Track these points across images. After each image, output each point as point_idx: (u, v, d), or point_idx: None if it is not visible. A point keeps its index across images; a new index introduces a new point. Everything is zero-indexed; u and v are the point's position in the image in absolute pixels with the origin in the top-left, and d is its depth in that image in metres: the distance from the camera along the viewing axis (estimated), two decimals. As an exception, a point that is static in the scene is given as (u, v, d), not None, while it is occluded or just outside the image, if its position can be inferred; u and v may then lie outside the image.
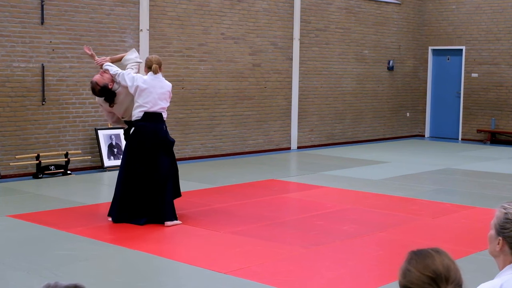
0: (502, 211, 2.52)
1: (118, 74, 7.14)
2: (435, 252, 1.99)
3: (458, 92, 16.24)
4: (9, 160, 9.67)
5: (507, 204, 2.54)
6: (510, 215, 2.51)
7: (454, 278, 1.93)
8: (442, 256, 1.98)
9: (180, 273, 5.45)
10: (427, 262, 1.95)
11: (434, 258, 1.96)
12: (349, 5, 14.78)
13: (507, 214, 2.51)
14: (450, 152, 13.65)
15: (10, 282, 5.08)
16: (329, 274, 5.49)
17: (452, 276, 1.93)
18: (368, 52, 15.30)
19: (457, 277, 1.94)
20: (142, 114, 7.07)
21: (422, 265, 1.94)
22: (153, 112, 7.09)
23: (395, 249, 6.19)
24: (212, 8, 12.12)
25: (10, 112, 9.71)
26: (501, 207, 2.53)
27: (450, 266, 1.93)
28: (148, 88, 7.09)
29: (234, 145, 12.75)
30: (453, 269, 1.94)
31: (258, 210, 7.87)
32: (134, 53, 7.51)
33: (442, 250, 2.01)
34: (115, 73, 7.15)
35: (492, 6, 15.56)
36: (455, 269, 1.95)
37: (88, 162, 10.63)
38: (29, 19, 9.80)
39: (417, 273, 1.93)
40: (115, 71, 7.16)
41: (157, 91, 7.12)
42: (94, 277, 5.21)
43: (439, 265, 1.94)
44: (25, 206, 7.79)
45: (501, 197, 8.86)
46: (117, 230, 6.80)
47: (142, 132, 7.04)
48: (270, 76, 13.27)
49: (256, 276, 5.31)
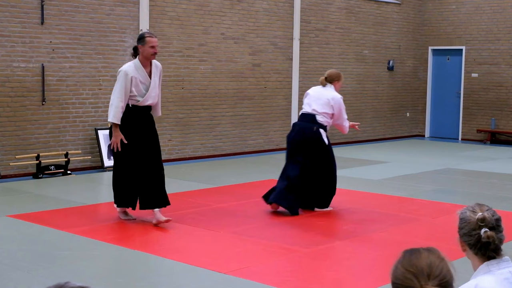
0: (457, 213, 2.56)
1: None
2: (425, 250, 1.99)
3: (458, 92, 16.24)
4: (9, 160, 9.67)
5: (468, 205, 2.57)
6: (461, 215, 2.54)
7: (437, 274, 1.92)
8: (430, 254, 1.98)
9: (180, 273, 5.45)
10: (412, 259, 1.97)
11: (420, 256, 1.97)
12: (349, 5, 14.78)
13: (459, 215, 2.54)
14: (450, 152, 13.65)
15: (10, 282, 5.07)
16: (329, 274, 5.49)
17: (435, 272, 1.92)
18: (368, 52, 15.30)
19: (441, 274, 1.92)
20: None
21: (408, 261, 1.96)
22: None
23: (395, 249, 6.17)
24: (212, 8, 12.12)
25: (10, 112, 9.71)
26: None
27: (433, 263, 1.93)
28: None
29: (234, 145, 12.75)
30: (437, 266, 1.93)
31: (258, 210, 7.87)
32: None
33: (434, 249, 2.01)
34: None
35: (492, 6, 15.56)
36: (440, 266, 1.94)
37: (88, 162, 10.63)
38: (29, 19, 9.80)
39: (402, 269, 1.96)
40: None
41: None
42: (94, 277, 5.21)
43: (423, 261, 1.95)
44: (25, 206, 7.79)
45: (501, 197, 8.87)
46: (117, 230, 6.80)
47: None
48: (270, 76, 13.27)
49: (256, 276, 5.31)
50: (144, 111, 6.98)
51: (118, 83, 6.79)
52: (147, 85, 6.88)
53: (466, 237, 2.52)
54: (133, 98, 6.84)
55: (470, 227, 2.50)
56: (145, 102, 6.89)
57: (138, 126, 6.91)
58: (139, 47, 6.88)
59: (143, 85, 6.86)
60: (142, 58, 6.88)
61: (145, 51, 6.83)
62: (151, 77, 6.93)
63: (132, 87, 6.78)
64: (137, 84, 6.81)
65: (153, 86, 6.91)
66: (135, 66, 6.86)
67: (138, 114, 6.91)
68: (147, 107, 6.99)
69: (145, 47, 6.81)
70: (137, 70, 6.84)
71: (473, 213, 2.52)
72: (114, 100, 6.75)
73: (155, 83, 6.95)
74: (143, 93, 6.87)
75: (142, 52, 6.86)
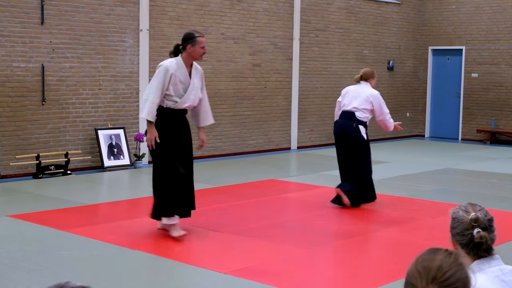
0: (450, 212, 2.56)
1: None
2: (443, 253, 1.95)
3: (458, 92, 16.24)
4: (9, 160, 9.67)
5: (461, 205, 2.57)
6: (454, 214, 2.55)
7: (445, 279, 1.87)
8: (447, 257, 1.93)
9: (180, 273, 5.45)
10: (426, 258, 1.94)
11: (435, 257, 1.93)
12: (349, 5, 14.79)
13: (452, 214, 2.55)
14: (450, 152, 13.65)
15: (10, 282, 5.07)
16: (329, 274, 5.49)
17: (443, 276, 1.88)
18: (368, 52, 15.30)
19: (450, 279, 1.88)
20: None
21: (422, 260, 1.94)
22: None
23: (395, 249, 6.19)
24: (212, 8, 12.12)
25: (10, 112, 9.71)
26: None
27: (445, 267, 1.89)
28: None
29: (234, 145, 12.75)
30: (448, 270, 1.89)
31: (258, 210, 7.87)
32: None
33: (456, 253, 1.96)
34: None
35: (492, 6, 15.56)
36: (453, 271, 1.89)
37: (88, 162, 10.63)
38: (29, 19, 9.80)
39: (414, 265, 1.94)
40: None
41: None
42: (94, 277, 5.20)
43: (434, 263, 1.91)
44: (25, 206, 7.79)
45: (501, 197, 8.87)
46: (117, 230, 6.80)
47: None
48: (270, 76, 13.27)
49: (256, 276, 5.31)
50: (180, 114, 6.49)
51: (156, 78, 6.29)
52: (186, 85, 6.41)
53: (459, 236, 2.53)
54: (170, 99, 6.36)
55: (463, 227, 2.52)
56: (182, 104, 6.41)
57: (174, 129, 6.44)
58: (188, 47, 6.37)
59: (182, 85, 6.38)
60: (187, 57, 6.41)
61: (195, 51, 6.37)
62: (191, 78, 6.47)
63: (169, 85, 6.30)
64: (176, 83, 6.34)
65: (192, 88, 6.43)
66: (177, 64, 6.38)
67: (173, 117, 6.42)
68: (183, 111, 6.52)
69: (196, 47, 6.35)
70: (178, 68, 6.37)
71: (466, 213, 2.53)
72: (150, 95, 6.24)
73: (195, 84, 6.46)
74: (181, 94, 6.40)
75: (190, 52, 6.37)
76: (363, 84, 8.15)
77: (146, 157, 11.15)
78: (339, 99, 8.29)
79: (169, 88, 6.31)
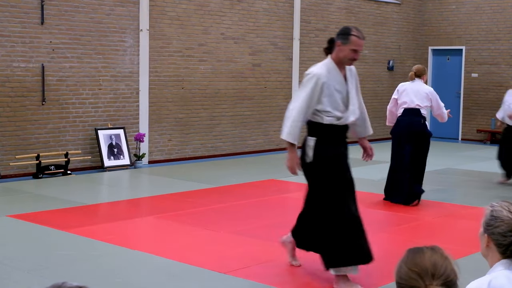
0: (489, 209, 2.55)
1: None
2: (428, 249, 2.01)
3: (458, 92, 16.23)
4: (9, 160, 9.67)
5: (496, 203, 2.56)
6: (495, 212, 2.53)
7: (442, 273, 1.94)
8: (434, 253, 1.99)
9: (180, 273, 5.45)
10: (416, 258, 1.99)
11: (424, 255, 1.99)
12: (349, 5, 14.78)
13: (492, 212, 2.53)
14: (450, 152, 13.64)
15: (10, 282, 5.07)
16: (329, 274, 5.48)
17: (439, 271, 1.94)
18: (368, 52, 15.29)
19: (445, 273, 1.94)
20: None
21: (412, 261, 1.98)
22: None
23: (395, 249, 6.18)
24: (212, 8, 12.12)
25: (10, 112, 9.71)
26: (489, 205, 2.55)
27: (437, 262, 1.95)
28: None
29: (234, 145, 12.75)
30: (441, 265, 1.95)
31: (258, 210, 7.87)
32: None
33: (437, 248, 2.02)
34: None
35: (492, 6, 15.56)
36: (444, 265, 1.95)
37: (88, 162, 10.63)
38: (29, 19, 9.80)
39: (406, 269, 1.98)
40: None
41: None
42: (94, 277, 5.20)
43: (427, 261, 1.96)
44: (25, 206, 7.79)
45: (501, 197, 8.86)
46: (117, 230, 6.80)
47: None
48: (270, 76, 13.27)
49: (256, 276, 5.31)
50: (343, 132, 5.16)
51: (304, 89, 5.01)
52: (343, 94, 5.04)
53: (499, 236, 2.47)
54: (329, 115, 4.99)
55: (507, 228, 2.47)
56: (347, 119, 5.06)
57: (341, 152, 5.12)
58: (338, 44, 5.03)
59: (339, 94, 5.01)
60: (337, 59, 5.05)
61: (343, 52, 4.99)
62: (346, 83, 5.11)
63: (322, 98, 4.96)
64: (331, 93, 4.98)
65: (352, 96, 5.08)
66: (327, 69, 5.05)
67: (338, 136, 5.11)
68: (346, 127, 5.16)
69: (346, 47, 4.97)
70: (329, 74, 5.02)
71: (510, 213, 2.50)
72: (294, 112, 5.08)
73: (353, 91, 5.13)
74: (341, 107, 5.02)
75: (338, 51, 5.03)
76: (418, 81, 8.58)
77: (146, 157, 11.16)
78: (395, 95, 8.62)
79: (322, 101, 4.97)
